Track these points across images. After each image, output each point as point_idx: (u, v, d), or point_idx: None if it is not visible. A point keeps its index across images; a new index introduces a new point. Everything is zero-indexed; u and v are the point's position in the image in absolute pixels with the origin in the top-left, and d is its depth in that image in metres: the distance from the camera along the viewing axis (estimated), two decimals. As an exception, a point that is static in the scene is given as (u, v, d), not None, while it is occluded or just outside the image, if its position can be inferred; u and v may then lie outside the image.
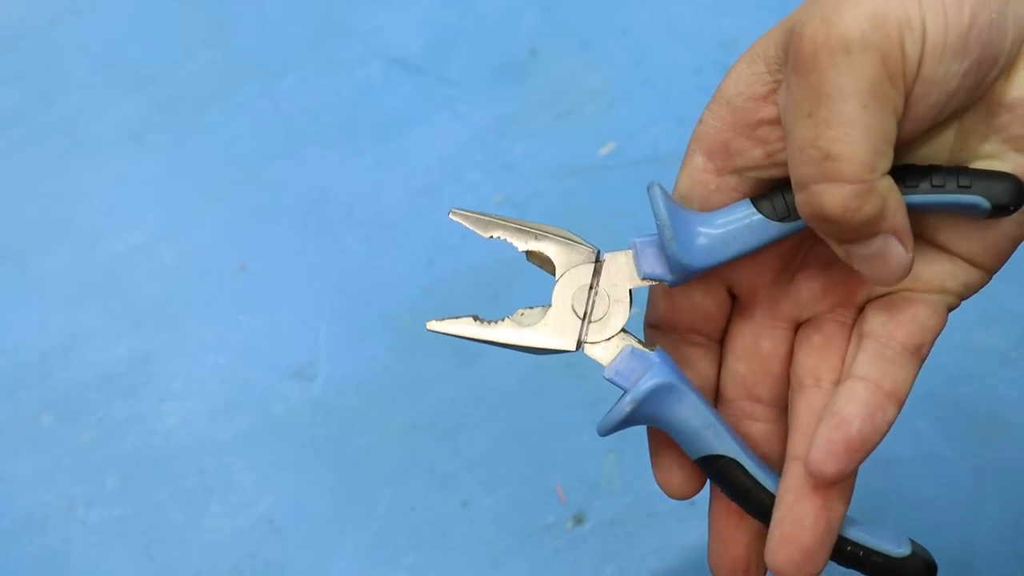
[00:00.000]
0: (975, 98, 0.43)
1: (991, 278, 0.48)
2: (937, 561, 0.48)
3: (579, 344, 0.47)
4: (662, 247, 0.45)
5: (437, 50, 0.86)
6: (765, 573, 0.49)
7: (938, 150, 0.45)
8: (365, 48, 0.86)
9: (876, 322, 0.47)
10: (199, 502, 0.72)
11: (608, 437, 0.49)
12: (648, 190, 0.45)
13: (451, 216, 0.48)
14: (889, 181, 0.42)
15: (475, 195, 0.81)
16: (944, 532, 0.70)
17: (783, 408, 0.49)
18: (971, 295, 0.48)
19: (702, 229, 0.46)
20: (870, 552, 0.47)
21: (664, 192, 0.45)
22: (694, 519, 0.70)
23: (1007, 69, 0.42)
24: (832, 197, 0.41)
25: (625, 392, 0.46)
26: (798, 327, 0.49)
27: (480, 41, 0.86)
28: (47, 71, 0.86)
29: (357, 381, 0.75)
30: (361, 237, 0.80)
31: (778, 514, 0.46)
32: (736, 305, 0.49)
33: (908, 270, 0.44)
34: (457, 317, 0.48)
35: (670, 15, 0.86)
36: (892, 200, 0.42)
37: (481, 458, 0.72)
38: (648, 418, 0.47)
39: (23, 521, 0.71)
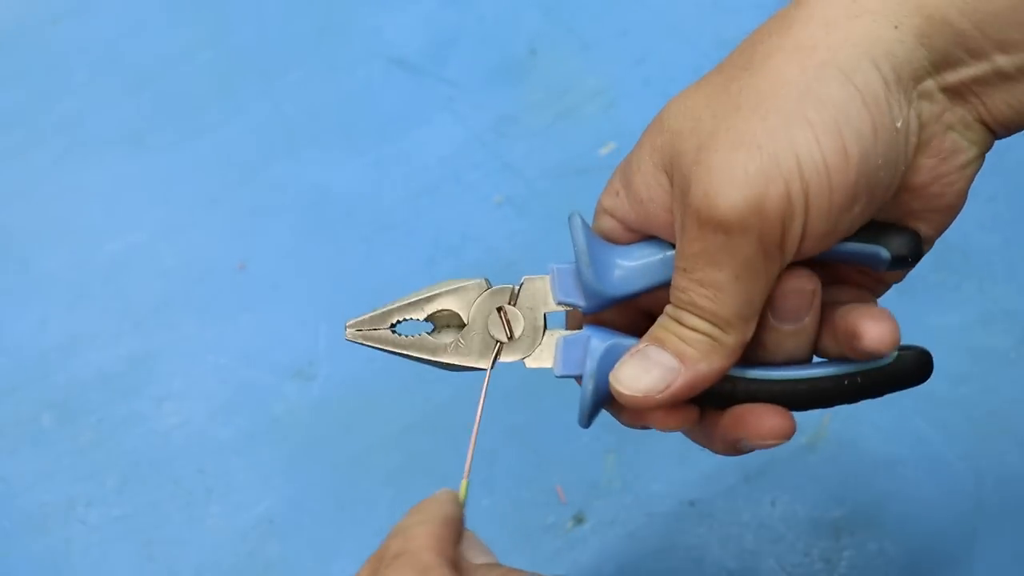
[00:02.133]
0: (875, 214, 0.44)
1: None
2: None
3: (494, 363, 0.48)
4: (578, 274, 0.46)
5: (437, 50, 0.86)
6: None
7: None
8: (365, 48, 0.86)
9: None
10: (199, 502, 0.72)
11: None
12: (569, 220, 0.46)
13: (347, 337, 0.49)
14: (740, 348, 0.44)
15: (475, 195, 0.81)
16: (944, 532, 0.70)
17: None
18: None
19: (618, 261, 0.47)
20: (868, 376, 0.48)
21: (584, 223, 0.46)
22: (694, 519, 0.70)
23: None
24: (690, 333, 0.44)
25: (581, 376, 0.47)
26: None
27: (480, 41, 0.86)
28: (47, 71, 0.86)
29: (357, 381, 0.75)
30: (361, 237, 0.80)
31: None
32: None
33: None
34: (375, 329, 0.49)
35: (670, 15, 0.86)
36: (736, 356, 0.44)
37: (481, 458, 0.72)
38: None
39: (23, 521, 0.71)
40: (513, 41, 0.86)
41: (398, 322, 0.48)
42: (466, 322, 0.48)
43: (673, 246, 0.46)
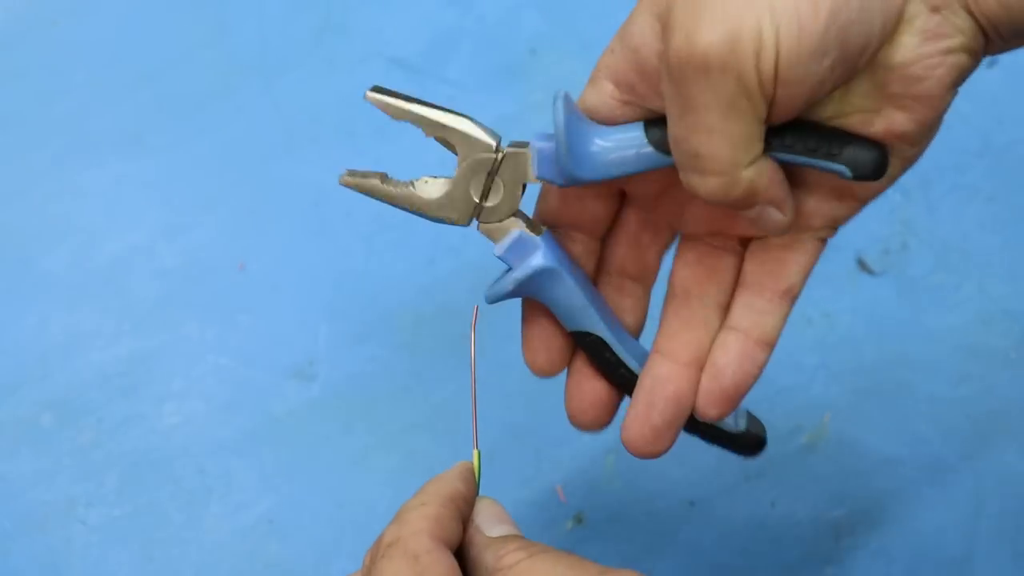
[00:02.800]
0: (852, 76, 0.45)
1: (862, 207, 0.51)
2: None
3: (470, 221, 0.51)
4: (556, 152, 0.49)
5: (437, 50, 0.86)
6: (614, 414, 0.55)
7: (824, 102, 0.47)
8: (365, 48, 0.86)
9: (749, 271, 0.52)
10: (199, 502, 0.72)
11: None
12: (554, 98, 0.48)
13: (367, 96, 0.52)
14: (757, 167, 0.45)
15: (475, 195, 0.81)
16: (944, 533, 0.70)
17: (647, 289, 0.55)
18: (842, 224, 0.52)
19: (597, 143, 0.49)
20: (710, 426, 0.54)
21: (569, 103, 0.48)
22: (694, 519, 0.70)
23: (891, 36, 0.44)
24: (702, 186, 0.45)
25: (511, 269, 0.51)
26: (676, 234, 0.54)
27: (480, 41, 0.86)
28: (47, 71, 0.86)
29: (357, 381, 0.75)
30: (361, 237, 0.80)
31: (636, 396, 0.52)
32: (624, 202, 0.54)
33: (787, 228, 0.48)
34: (367, 173, 0.53)
35: (670, 15, 0.86)
36: (762, 181, 0.46)
37: (481, 458, 0.72)
38: (530, 293, 0.51)
39: (23, 521, 0.71)
40: (513, 41, 0.86)
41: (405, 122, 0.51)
42: (459, 159, 0.51)
43: (648, 138, 0.48)
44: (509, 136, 0.52)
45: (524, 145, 0.50)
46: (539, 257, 0.51)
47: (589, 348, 0.53)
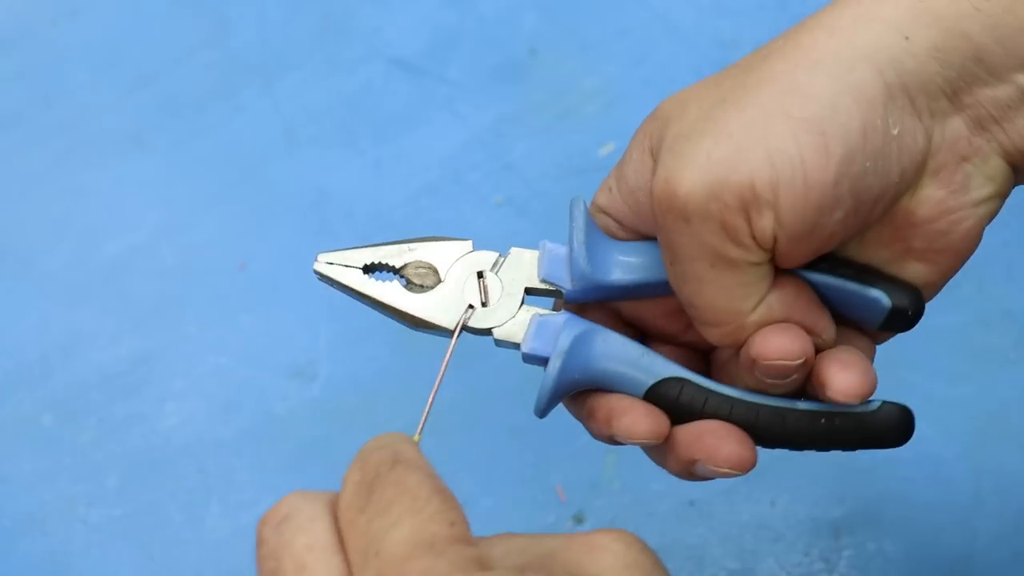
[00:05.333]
0: (867, 226, 0.41)
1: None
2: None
3: (458, 325, 0.45)
4: (569, 256, 0.45)
5: (437, 50, 0.86)
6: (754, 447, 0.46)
7: (839, 247, 0.43)
8: (365, 48, 0.86)
9: None
10: (199, 502, 0.72)
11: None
12: (571, 203, 0.44)
13: (315, 268, 0.47)
14: (768, 306, 0.41)
15: (475, 195, 0.81)
16: (944, 532, 0.70)
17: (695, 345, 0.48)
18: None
19: (614, 254, 0.45)
20: (847, 418, 0.45)
21: (586, 208, 0.45)
22: (694, 519, 0.70)
23: (911, 187, 0.40)
24: (709, 335, 0.42)
25: (547, 360, 0.44)
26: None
27: (480, 41, 0.86)
28: (47, 71, 0.86)
29: (357, 381, 0.75)
30: (361, 237, 0.79)
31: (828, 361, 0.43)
32: (640, 334, 0.48)
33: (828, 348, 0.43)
34: (346, 266, 0.46)
35: (670, 15, 0.86)
36: (777, 312, 0.41)
37: (481, 458, 0.72)
38: (581, 371, 0.44)
39: (24, 521, 0.71)
40: (513, 41, 0.86)
41: (372, 265, 0.46)
42: (442, 280, 0.46)
43: None
44: (510, 137, 0.52)
45: (528, 249, 0.46)
46: (570, 324, 0.44)
47: (679, 399, 0.44)
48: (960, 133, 0.40)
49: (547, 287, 0.45)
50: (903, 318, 0.43)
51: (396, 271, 0.46)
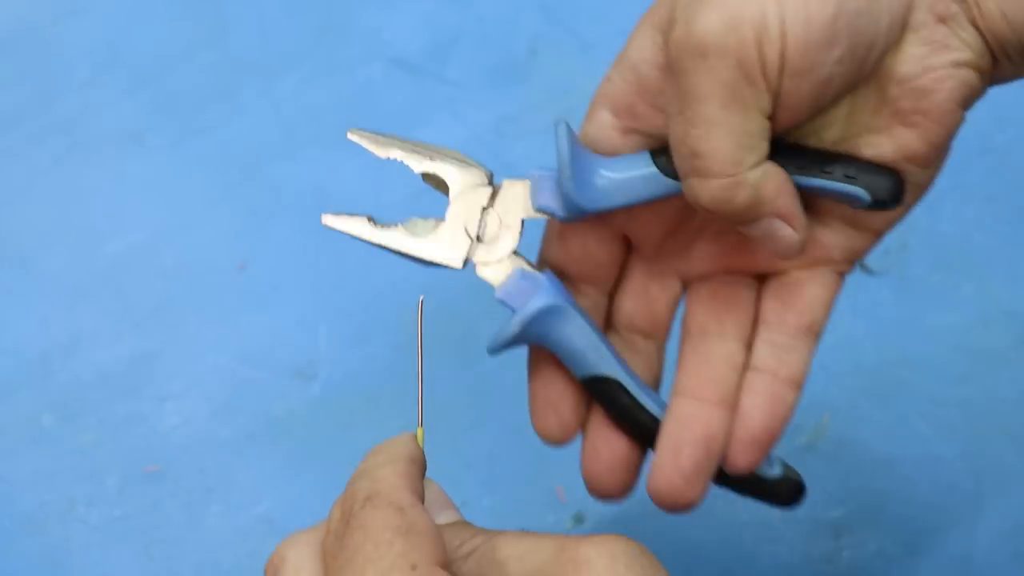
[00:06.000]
0: (859, 78, 0.44)
1: (879, 239, 0.49)
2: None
3: (465, 262, 0.49)
4: (559, 183, 0.47)
5: (437, 50, 0.86)
6: (638, 475, 0.52)
7: (830, 122, 0.46)
8: (365, 48, 0.86)
9: (767, 307, 0.49)
10: (199, 502, 0.72)
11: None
12: (555, 126, 0.46)
13: (349, 136, 0.51)
14: (763, 171, 0.43)
15: (475, 195, 0.81)
16: (943, 532, 0.70)
17: (661, 345, 0.52)
18: (860, 258, 0.50)
19: (600, 173, 0.46)
20: (742, 476, 0.50)
21: (571, 132, 0.46)
22: (694, 519, 0.70)
23: (895, 45, 0.43)
24: (704, 191, 0.43)
25: (514, 311, 0.48)
26: (687, 281, 0.51)
27: (480, 41, 0.86)
28: (47, 71, 0.86)
29: (357, 381, 0.75)
30: (361, 237, 0.80)
31: (661, 441, 0.48)
32: (630, 254, 0.51)
33: (799, 248, 0.46)
34: (352, 215, 0.51)
35: (670, 15, 0.86)
36: (770, 187, 0.44)
37: (481, 458, 0.72)
38: (536, 337, 0.48)
39: (23, 520, 0.71)
40: (513, 41, 0.86)
41: (391, 159, 0.50)
42: (451, 197, 0.49)
43: (655, 163, 0.46)
44: (510, 137, 0.52)
45: (519, 179, 0.48)
46: (544, 294, 0.47)
47: (605, 396, 0.49)
48: None
49: (542, 215, 0.48)
50: (884, 207, 0.46)
51: (417, 173, 0.50)
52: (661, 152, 0.46)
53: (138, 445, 0.73)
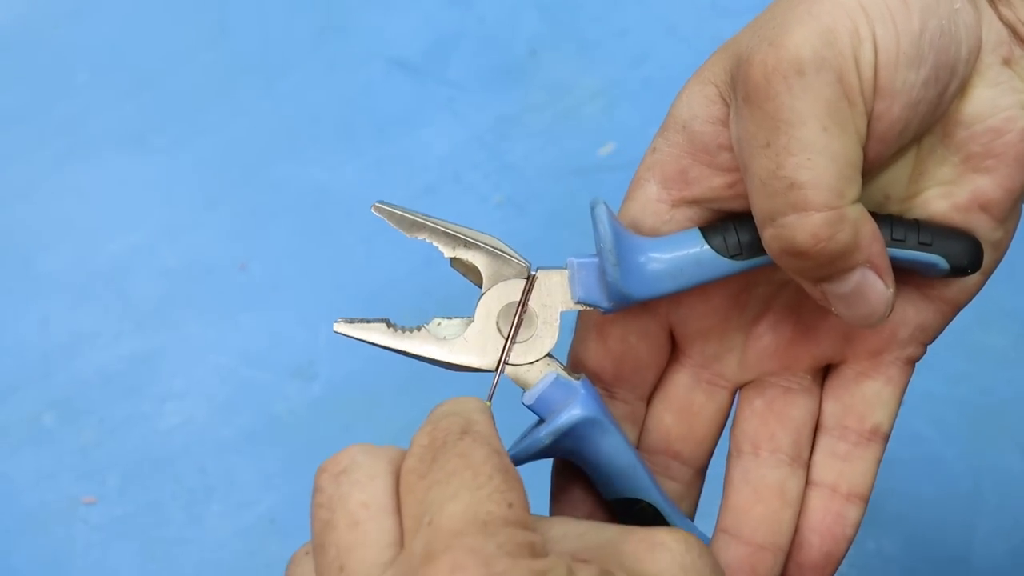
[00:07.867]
0: (938, 114, 0.41)
1: (954, 314, 0.45)
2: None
3: (499, 365, 0.44)
4: (601, 271, 0.42)
5: (437, 51, 0.86)
6: None
7: (897, 176, 0.43)
8: (365, 48, 0.86)
9: (828, 411, 0.45)
10: (200, 501, 0.72)
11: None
12: (592, 209, 0.42)
13: (374, 211, 0.46)
14: (860, 209, 0.39)
15: (475, 195, 0.81)
16: (943, 532, 0.70)
17: (700, 471, 0.47)
18: (932, 339, 0.46)
19: (648, 255, 0.42)
20: None
21: (609, 212, 0.42)
22: (694, 519, 0.70)
23: (961, 88, 0.41)
24: (802, 228, 0.39)
25: (543, 421, 0.43)
26: (738, 387, 0.46)
27: (480, 41, 0.86)
28: (48, 71, 0.86)
29: (357, 381, 0.75)
30: (361, 237, 0.80)
31: None
32: (675, 351, 0.46)
33: (890, 307, 0.41)
34: (368, 321, 0.45)
35: (670, 15, 0.87)
36: (866, 229, 0.40)
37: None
38: (567, 452, 0.43)
39: (25, 520, 0.71)
40: (513, 41, 0.86)
41: (421, 239, 0.45)
42: (482, 290, 0.44)
43: (708, 242, 0.42)
44: (510, 137, 0.52)
45: (555, 269, 0.43)
46: (582, 404, 0.42)
47: (636, 521, 0.44)
48: (1002, 37, 0.41)
49: (582, 307, 0.43)
50: (962, 273, 0.43)
51: (447, 257, 0.45)
52: (712, 229, 0.42)
53: (139, 444, 0.74)
